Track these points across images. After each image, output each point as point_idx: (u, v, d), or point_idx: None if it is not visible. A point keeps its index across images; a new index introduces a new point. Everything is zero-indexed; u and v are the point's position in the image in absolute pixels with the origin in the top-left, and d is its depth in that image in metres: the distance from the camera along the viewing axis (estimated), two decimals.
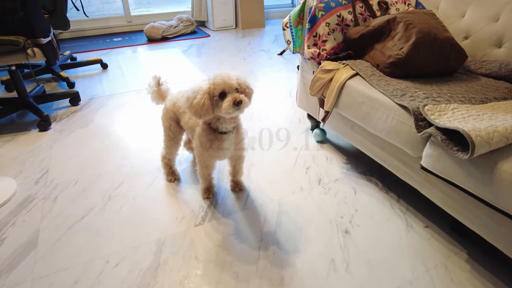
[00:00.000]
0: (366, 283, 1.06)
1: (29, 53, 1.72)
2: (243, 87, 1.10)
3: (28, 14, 1.65)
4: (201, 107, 1.04)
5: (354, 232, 1.24)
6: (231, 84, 1.04)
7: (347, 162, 1.65)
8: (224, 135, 1.18)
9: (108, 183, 1.49)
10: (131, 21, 4.03)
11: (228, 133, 1.18)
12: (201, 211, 1.34)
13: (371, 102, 1.24)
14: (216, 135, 1.17)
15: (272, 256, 1.15)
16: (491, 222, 0.97)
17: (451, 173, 0.99)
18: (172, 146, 1.43)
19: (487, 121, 0.97)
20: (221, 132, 1.17)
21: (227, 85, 1.03)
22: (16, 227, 1.26)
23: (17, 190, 1.45)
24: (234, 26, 4.20)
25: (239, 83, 1.08)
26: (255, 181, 1.51)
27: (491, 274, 1.08)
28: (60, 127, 1.96)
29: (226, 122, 1.14)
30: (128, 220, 1.29)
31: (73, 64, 2.81)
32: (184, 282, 1.06)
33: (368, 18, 1.57)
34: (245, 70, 2.83)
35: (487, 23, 1.47)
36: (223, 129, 1.16)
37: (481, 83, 1.31)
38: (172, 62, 3.04)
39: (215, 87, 1.04)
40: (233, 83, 1.04)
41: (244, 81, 1.11)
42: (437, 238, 1.22)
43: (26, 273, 1.08)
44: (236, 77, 1.08)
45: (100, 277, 1.07)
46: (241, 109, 1.06)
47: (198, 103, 1.04)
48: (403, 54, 1.28)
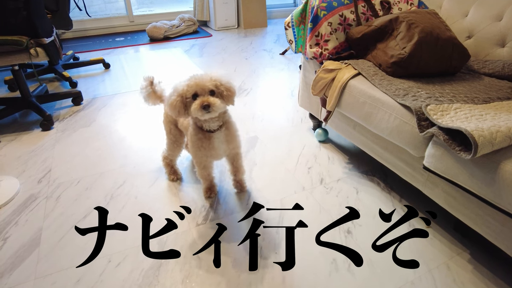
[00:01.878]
0: (368, 283, 1.06)
1: (32, 53, 1.73)
2: (221, 89, 1.07)
3: (31, 14, 1.65)
4: (174, 108, 1.05)
5: (356, 232, 1.24)
6: (204, 86, 1.03)
7: (349, 162, 1.65)
8: (212, 134, 1.16)
9: (111, 182, 1.50)
10: (134, 21, 4.04)
11: (215, 131, 1.16)
12: (203, 211, 1.34)
13: (373, 101, 1.24)
14: (205, 134, 1.16)
15: (274, 256, 1.15)
16: (494, 222, 0.97)
17: (453, 173, 0.98)
18: (175, 149, 1.44)
19: (490, 121, 0.96)
20: (208, 131, 1.16)
21: (199, 87, 1.03)
22: (19, 226, 1.27)
23: (20, 189, 1.45)
24: (236, 26, 4.20)
25: (217, 85, 1.06)
26: (257, 181, 1.51)
27: (493, 275, 1.08)
28: (62, 126, 1.97)
29: (208, 121, 1.12)
30: (130, 219, 1.30)
31: (75, 64, 2.82)
32: (185, 282, 1.06)
33: (371, 17, 1.56)
34: (247, 70, 2.83)
35: (490, 23, 1.46)
36: (207, 128, 1.15)
37: (484, 83, 1.31)
38: (174, 62, 3.04)
39: (188, 89, 1.04)
40: (207, 85, 1.03)
41: (225, 83, 1.08)
42: (439, 238, 1.21)
43: (29, 272, 1.09)
44: (215, 79, 1.06)
45: (102, 276, 1.08)
46: (212, 112, 1.04)
47: (171, 104, 1.05)
48: (406, 54, 1.28)
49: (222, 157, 1.32)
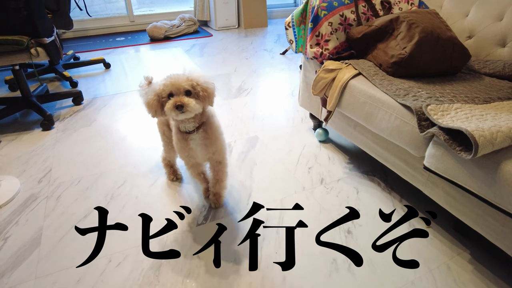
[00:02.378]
0: (368, 283, 1.06)
1: (32, 53, 1.73)
2: (198, 90, 1.04)
3: (31, 14, 1.65)
4: (150, 107, 1.05)
5: (357, 232, 1.24)
6: (179, 86, 1.01)
7: (349, 162, 1.65)
8: (189, 135, 1.14)
9: (111, 182, 1.50)
10: (134, 21, 4.04)
11: (190, 133, 1.13)
12: (203, 211, 1.34)
13: (373, 101, 1.24)
14: (183, 135, 1.15)
15: (274, 256, 1.15)
16: (494, 222, 0.97)
17: (454, 173, 0.98)
18: (170, 150, 1.41)
19: (490, 121, 0.96)
20: (185, 132, 1.14)
21: (174, 87, 1.01)
22: (19, 225, 1.27)
23: (20, 189, 1.46)
24: (237, 26, 4.20)
25: (194, 85, 1.03)
26: (257, 181, 1.51)
27: (494, 275, 1.08)
28: (63, 126, 1.97)
29: (184, 121, 1.10)
30: (130, 219, 1.30)
31: (76, 64, 2.82)
32: (186, 281, 1.06)
33: (371, 17, 1.56)
34: (248, 70, 2.83)
35: (491, 23, 1.46)
36: (183, 129, 1.13)
37: (484, 83, 1.31)
38: (174, 62, 3.04)
39: (164, 89, 1.02)
40: (182, 85, 1.01)
41: (202, 83, 1.05)
42: (439, 239, 1.21)
43: (29, 271, 1.09)
44: (191, 78, 1.04)
45: (102, 276, 1.08)
46: (186, 113, 1.01)
47: (148, 103, 1.05)
48: (406, 54, 1.27)
49: (204, 161, 1.27)
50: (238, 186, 1.48)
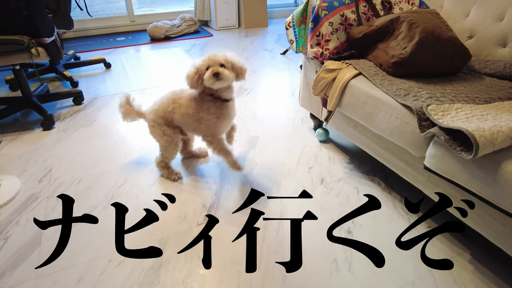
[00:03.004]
0: (369, 283, 1.06)
1: (33, 53, 1.73)
2: (229, 64, 1.24)
3: (32, 14, 1.65)
4: (191, 78, 1.25)
5: (357, 232, 1.24)
6: (216, 61, 1.21)
7: (350, 162, 1.65)
8: (227, 103, 1.32)
9: (111, 182, 1.50)
10: (134, 21, 4.04)
11: (229, 100, 1.33)
12: (203, 210, 1.34)
13: (374, 101, 1.24)
14: (223, 104, 1.31)
15: (274, 255, 1.15)
16: (495, 222, 0.97)
17: (454, 173, 0.98)
18: (172, 150, 1.45)
19: (491, 121, 0.96)
20: (224, 100, 1.31)
21: (211, 61, 1.21)
22: (20, 225, 1.27)
23: (21, 188, 1.46)
24: (237, 26, 4.20)
25: (226, 60, 1.24)
26: (258, 180, 1.51)
27: (494, 275, 1.08)
28: (63, 126, 1.97)
29: (222, 90, 1.27)
30: (131, 219, 1.29)
31: (76, 64, 2.82)
32: (186, 281, 1.06)
33: (372, 17, 1.56)
34: (248, 70, 2.82)
35: (491, 23, 1.46)
36: (225, 97, 1.31)
37: (485, 83, 1.31)
38: (175, 62, 3.04)
39: (203, 63, 1.23)
40: (218, 59, 1.22)
41: (236, 62, 1.27)
42: (440, 238, 1.21)
43: (30, 271, 1.09)
44: (226, 56, 1.25)
45: (103, 275, 1.08)
46: (222, 81, 1.20)
47: (188, 75, 1.26)
48: (407, 54, 1.27)
49: (227, 130, 1.46)
50: (238, 186, 1.48)
